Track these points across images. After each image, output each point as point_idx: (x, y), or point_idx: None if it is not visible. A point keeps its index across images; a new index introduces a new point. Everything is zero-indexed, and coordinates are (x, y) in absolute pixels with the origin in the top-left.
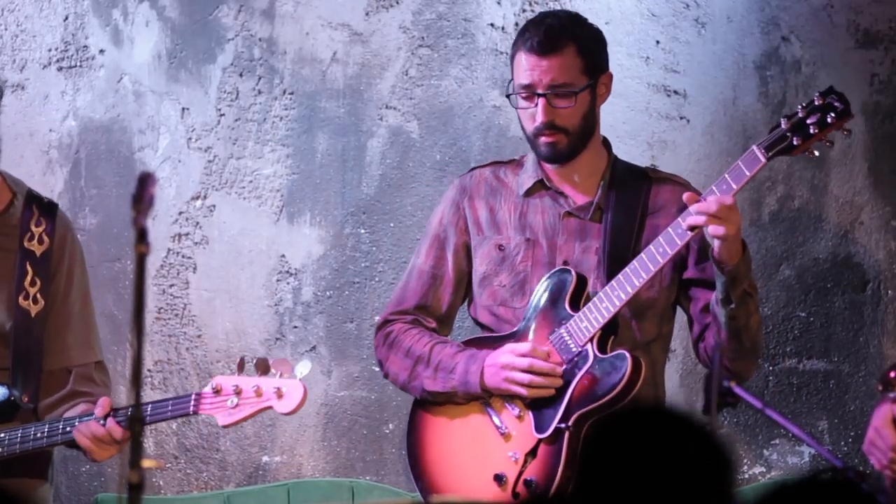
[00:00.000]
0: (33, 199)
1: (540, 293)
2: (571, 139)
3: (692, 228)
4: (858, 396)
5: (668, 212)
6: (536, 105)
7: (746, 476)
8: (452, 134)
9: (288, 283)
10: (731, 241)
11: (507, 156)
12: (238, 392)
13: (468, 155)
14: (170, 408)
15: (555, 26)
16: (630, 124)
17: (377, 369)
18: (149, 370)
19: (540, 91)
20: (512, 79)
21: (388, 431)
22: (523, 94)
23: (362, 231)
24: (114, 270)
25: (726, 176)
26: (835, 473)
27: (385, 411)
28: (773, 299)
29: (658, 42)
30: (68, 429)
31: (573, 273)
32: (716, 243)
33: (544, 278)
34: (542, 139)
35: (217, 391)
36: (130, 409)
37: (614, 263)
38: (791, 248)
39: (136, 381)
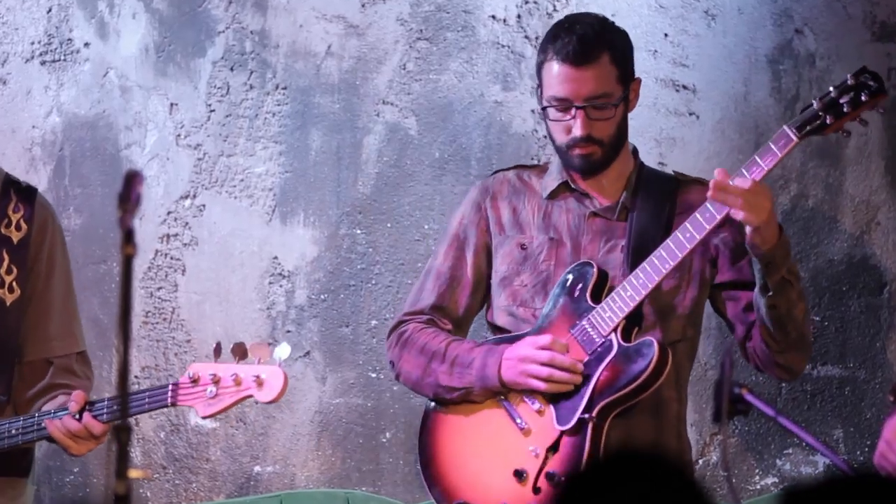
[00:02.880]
0: (11, 183)
1: (559, 287)
2: (606, 151)
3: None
4: (875, 404)
5: (692, 212)
6: (574, 118)
7: (758, 487)
8: (452, 131)
9: (281, 286)
10: (762, 227)
11: (509, 153)
12: (216, 381)
13: (468, 152)
14: (147, 400)
15: (588, 34)
16: (637, 120)
17: (373, 375)
18: (136, 377)
19: (578, 104)
20: (540, 87)
21: (384, 440)
22: (558, 107)
23: (358, 232)
24: (99, 273)
25: (756, 157)
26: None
27: (382, 419)
28: None
29: (666, 35)
30: (43, 424)
31: (594, 266)
32: (747, 229)
33: (564, 273)
34: (577, 151)
35: (195, 380)
36: (108, 405)
37: (640, 259)
38: (805, 250)
39: (123, 388)
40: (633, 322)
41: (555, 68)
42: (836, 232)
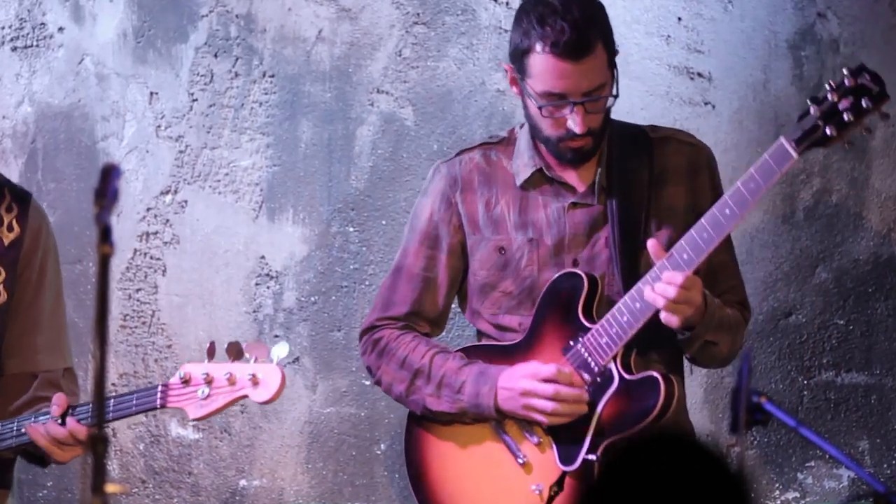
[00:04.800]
0: (4, 183)
1: (547, 299)
2: (596, 139)
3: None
4: None
5: (674, 179)
6: (570, 112)
7: (778, 502)
8: (451, 121)
9: (268, 288)
10: (689, 321)
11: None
12: (209, 381)
13: (468, 144)
14: (134, 402)
15: (580, 20)
16: (649, 110)
17: (367, 383)
18: (113, 384)
19: (576, 100)
20: (520, 73)
21: (379, 452)
22: (551, 102)
23: (351, 229)
24: (74, 273)
25: (753, 172)
26: (877, 499)
27: (376, 430)
28: (808, 305)
29: (680, 19)
30: (23, 429)
31: (584, 277)
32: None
33: (550, 282)
34: (570, 144)
35: (186, 381)
36: (93, 408)
37: (626, 255)
38: (828, 249)
39: (99, 396)
40: (629, 346)
41: (547, 61)
42: (862, 229)
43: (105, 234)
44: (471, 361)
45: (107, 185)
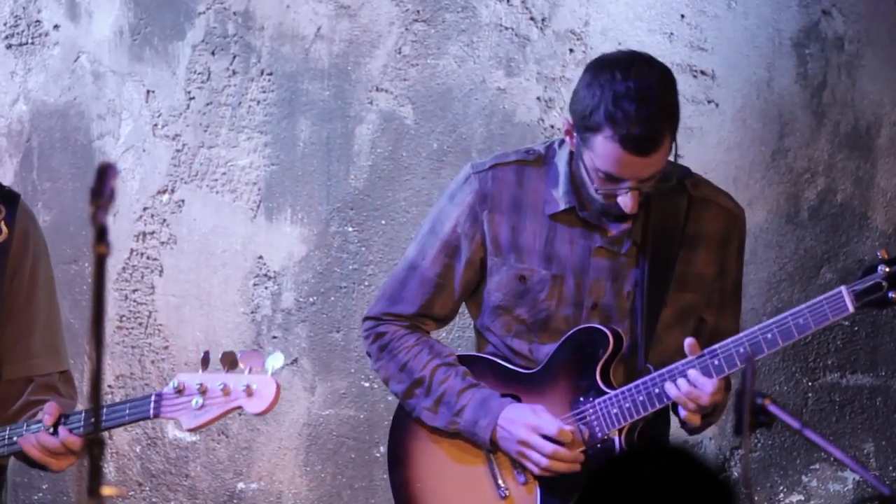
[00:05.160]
0: None
1: (570, 345)
2: (643, 197)
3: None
4: None
5: (707, 246)
6: (626, 193)
7: None
8: (451, 120)
9: (266, 288)
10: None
11: (513, 144)
12: (203, 391)
13: (469, 143)
14: (127, 412)
15: (653, 116)
16: None
17: (366, 384)
18: (109, 386)
19: (632, 185)
20: (583, 144)
21: (378, 455)
22: (606, 182)
23: (350, 229)
24: (70, 274)
25: (807, 312)
26: (882, 502)
27: (375, 432)
28: None
29: (683, 16)
30: (14, 438)
31: (610, 337)
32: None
33: (578, 329)
34: (616, 211)
35: (180, 391)
36: (85, 417)
37: (650, 314)
38: (833, 249)
39: (95, 398)
40: (637, 421)
41: (614, 150)
42: (867, 229)
43: (101, 234)
44: (474, 384)
45: (103, 184)
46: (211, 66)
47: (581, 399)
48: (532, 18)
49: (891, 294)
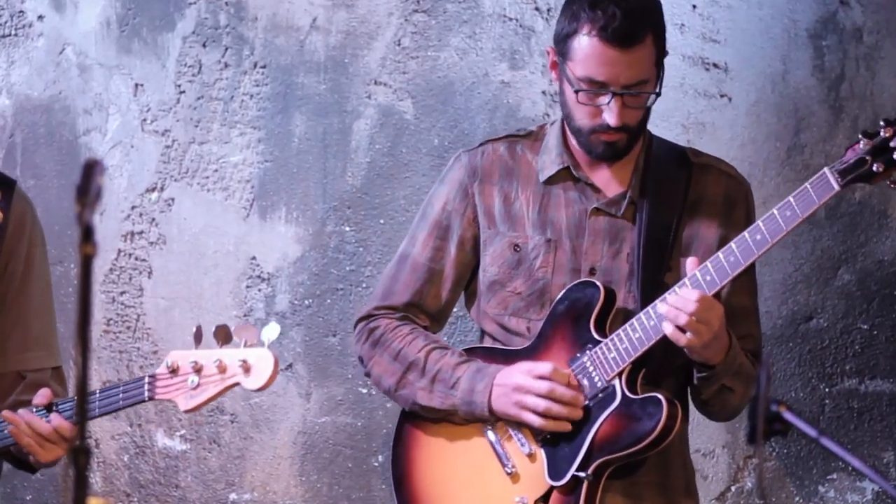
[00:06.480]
0: None
1: (561, 306)
2: (632, 138)
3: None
4: None
5: (709, 210)
6: (608, 103)
7: None
8: (453, 114)
9: (259, 290)
10: (705, 348)
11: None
12: (198, 369)
13: (471, 139)
14: (121, 396)
15: (634, 10)
16: (662, 103)
17: (364, 391)
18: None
19: (615, 90)
20: (563, 57)
21: (376, 464)
22: (590, 89)
23: (347, 229)
24: (55, 275)
25: (792, 200)
26: None
27: (373, 440)
28: (830, 309)
29: (695, 6)
30: (5, 430)
31: (601, 289)
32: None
33: (566, 289)
34: (603, 138)
35: (174, 370)
36: (75, 406)
37: (648, 274)
38: (851, 249)
39: (81, 405)
40: (639, 365)
41: (593, 45)
42: (887, 229)
43: (87, 234)
44: (469, 359)
45: (89, 181)
46: (202, 58)
47: (578, 355)
48: (537, 9)
49: (875, 167)
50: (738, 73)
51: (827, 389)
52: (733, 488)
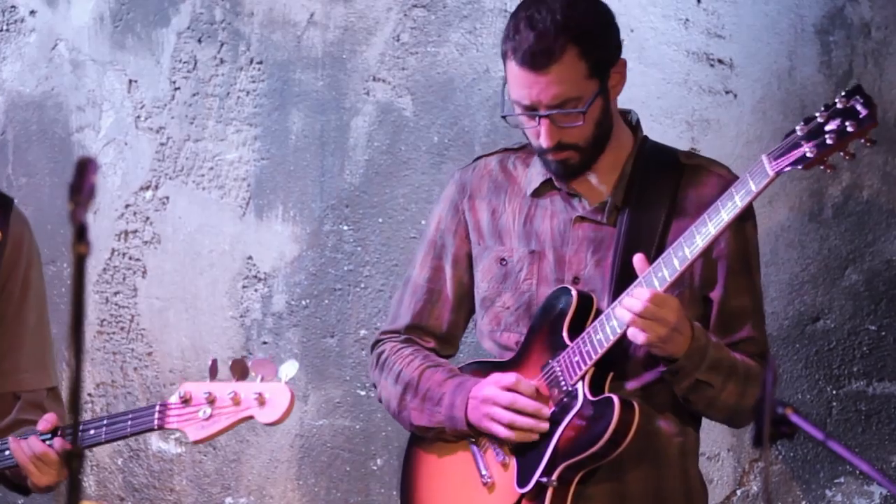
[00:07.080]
0: None
1: (539, 316)
2: (584, 154)
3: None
4: None
5: (698, 212)
6: (538, 125)
7: None
8: (453, 111)
9: (256, 291)
10: (662, 344)
11: (519, 137)
12: (211, 401)
13: (471, 136)
14: (129, 423)
15: (547, 29)
16: (666, 100)
17: (362, 393)
18: (89, 394)
19: (542, 112)
20: (504, 82)
21: (375, 468)
22: (524, 112)
23: (345, 228)
24: (48, 275)
25: (732, 190)
26: None
27: (372, 444)
28: (838, 310)
29: (699, 1)
30: (6, 451)
31: (573, 293)
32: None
33: (545, 298)
34: (550, 157)
35: (186, 400)
36: (83, 427)
37: (627, 280)
38: (859, 249)
39: (75, 407)
40: (606, 368)
41: (513, 69)
42: (895, 228)
43: (80, 233)
44: (455, 374)
45: (82, 179)
46: (197, 54)
47: (550, 361)
48: None
49: (807, 151)
50: (744, 69)
51: (834, 392)
52: (739, 492)
